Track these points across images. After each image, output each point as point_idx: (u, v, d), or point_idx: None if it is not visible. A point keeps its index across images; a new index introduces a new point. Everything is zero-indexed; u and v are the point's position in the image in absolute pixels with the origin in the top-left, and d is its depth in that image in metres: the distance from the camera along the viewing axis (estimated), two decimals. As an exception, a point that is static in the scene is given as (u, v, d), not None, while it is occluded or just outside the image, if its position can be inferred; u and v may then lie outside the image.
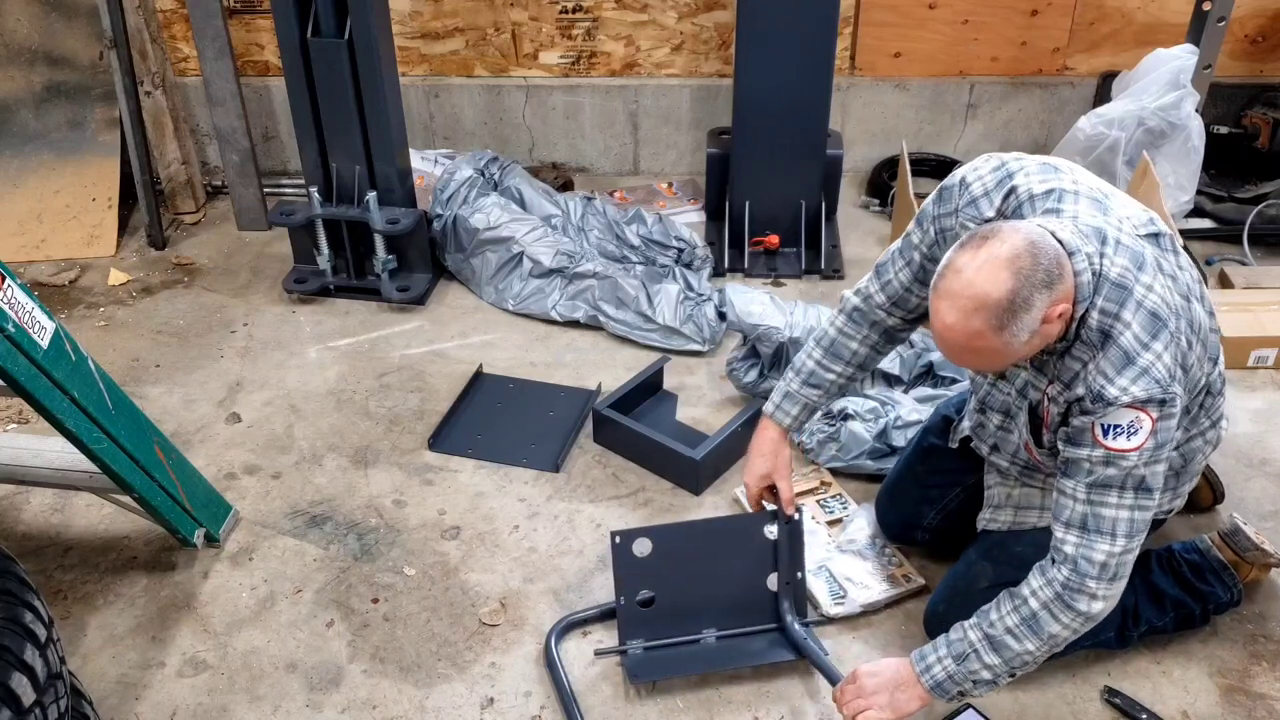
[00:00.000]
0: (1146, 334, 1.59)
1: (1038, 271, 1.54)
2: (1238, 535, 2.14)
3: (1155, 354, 1.59)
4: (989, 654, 1.75)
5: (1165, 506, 1.95)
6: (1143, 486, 1.67)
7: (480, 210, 3.19)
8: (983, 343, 1.58)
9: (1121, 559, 1.69)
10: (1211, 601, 2.11)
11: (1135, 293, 1.60)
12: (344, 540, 2.42)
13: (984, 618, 1.78)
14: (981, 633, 1.76)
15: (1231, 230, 3.40)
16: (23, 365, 1.75)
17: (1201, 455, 1.93)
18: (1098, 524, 1.69)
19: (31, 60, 3.62)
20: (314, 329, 3.15)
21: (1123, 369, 1.59)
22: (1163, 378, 1.59)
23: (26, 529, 2.47)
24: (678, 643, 2.13)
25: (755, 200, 3.35)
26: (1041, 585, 1.73)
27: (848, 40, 3.67)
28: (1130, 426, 1.61)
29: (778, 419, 2.10)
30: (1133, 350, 1.59)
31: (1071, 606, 1.70)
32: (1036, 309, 1.55)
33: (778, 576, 2.14)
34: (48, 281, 3.37)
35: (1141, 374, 1.59)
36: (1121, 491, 1.67)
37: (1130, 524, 1.68)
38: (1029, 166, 1.77)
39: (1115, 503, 1.68)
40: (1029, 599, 1.73)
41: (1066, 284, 1.58)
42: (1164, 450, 1.65)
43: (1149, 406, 1.60)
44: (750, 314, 2.68)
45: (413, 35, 3.71)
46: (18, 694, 1.46)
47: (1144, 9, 3.60)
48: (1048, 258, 1.55)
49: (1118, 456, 1.63)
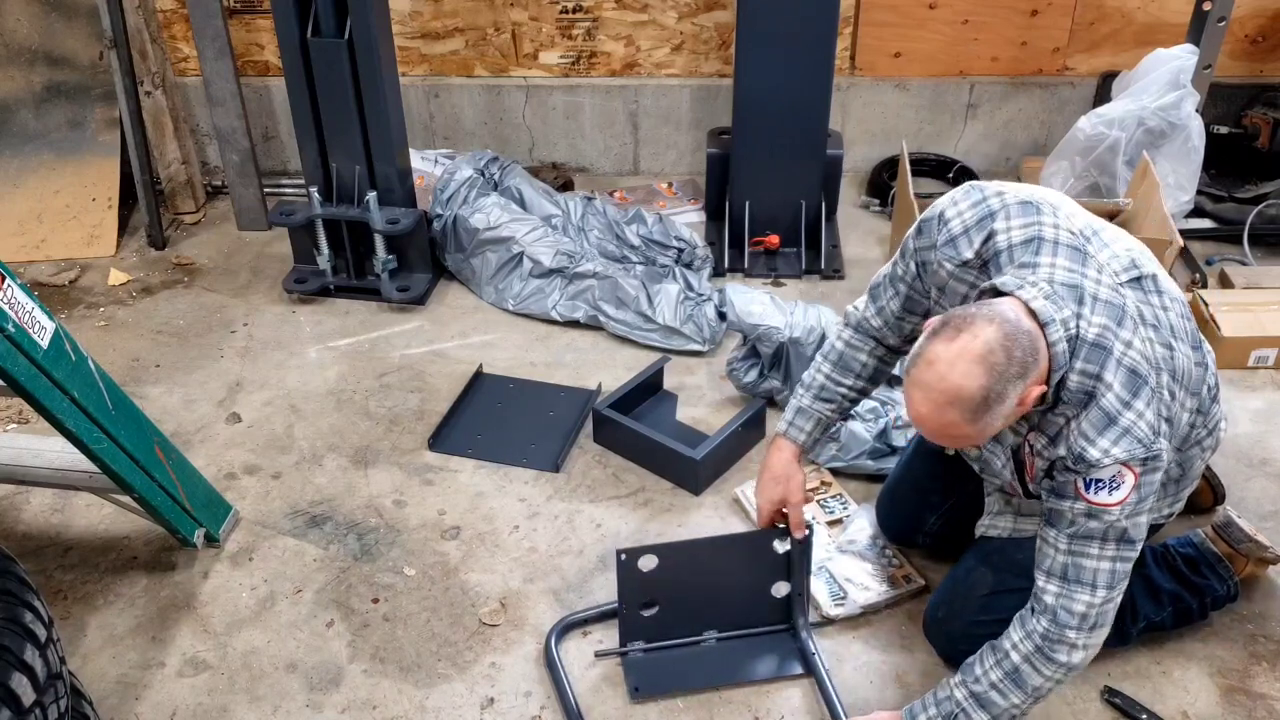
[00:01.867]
0: (1127, 393, 1.59)
1: (1011, 365, 1.54)
2: (1230, 527, 2.14)
3: (1137, 413, 1.59)
4: (977, 712, 1.76)
5: (1165, 511, 1.95)
6: (1125, 538, 1.68)
7: (480, 210, 3.19)
8: (957, 431, 1.60)
9: (1102, 609, 1.70)
10: (1208, 595, 2.11)
11: (1115, 351, 1.60)
12: (344, 540, 2.42)
13: (969, 673, 1.79)
14: (967, 690, 1.77)
15: (1231, 230, 3.40)
16: (23, 365, 1.75)
17: (1200, 461, 1.93)
18: (1078, 574, 1.69)
19: (31, 60, 3.62)
20: (314, 329, 3.15)
21: (1104, 430, 1.60)
22: (1145, 436, 1.59)
23: (26, 529, 2.47)
24: (678, 645, 2.13)
25: (755, 200, 3.35)
26: (1022, 638, 1.73)
27: (848, 40, 3.67)
28: (1113, 481, 1.61)
29: (791, 436, 2.06)
30: (1114, 410, 1.59)
31: (1052, 659, 1.71)
32: (1011, 399, 1.57)
33: (790, 587, 2.14)
34: (48, 281, 3.37)
35: (1123, 434, 1.59)
36: (1103, 544, 1.68)
37: (1111, 574, 1.69)
38: (1010, 206, 1.73)
39: (1096, 554, 1.68)
40: (1010, 653, 1.74)
41: (1041, 366, 1.58)
42: (1146, 503, 1.66)
43: (1134, 465, 1.61)
44: (750, 314, 2.68)
45: (413, 35, 3.71)
46: (18, 694, 1.46)
47: (1144, 9, 3.60)
48: (1021, 348, 1.55)
49: (1100, 510, 1.64)
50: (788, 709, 2.04)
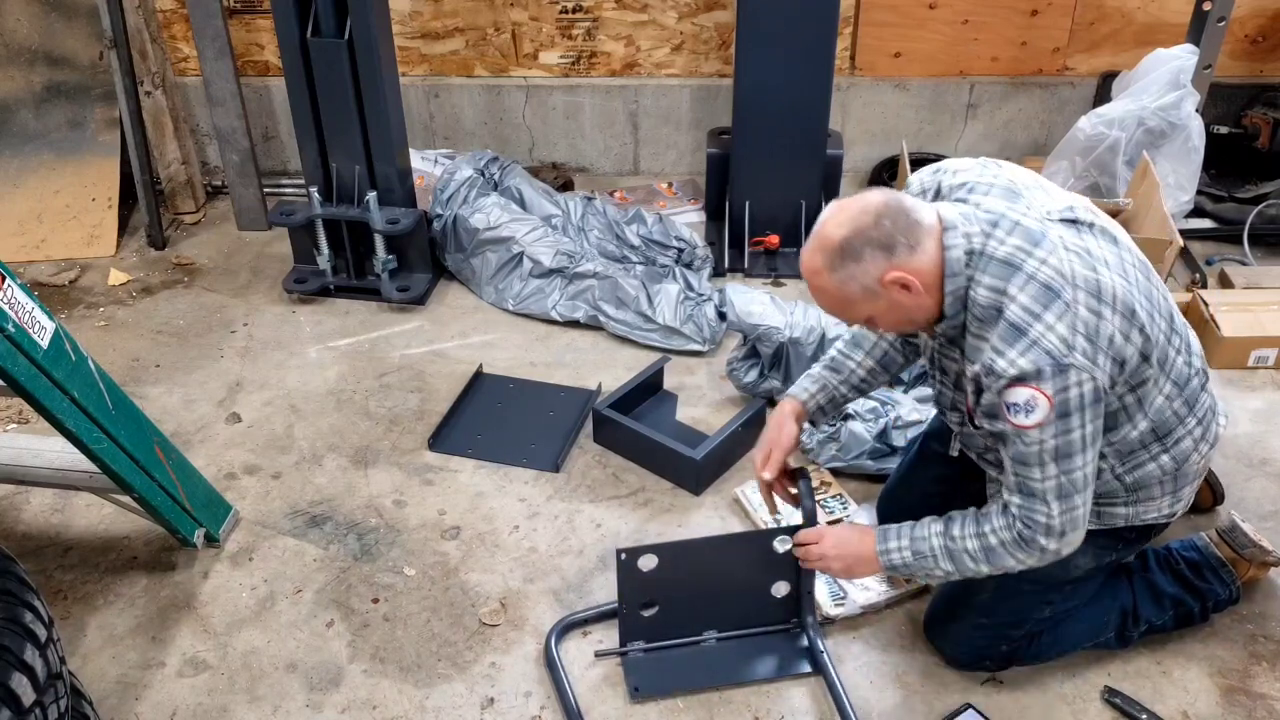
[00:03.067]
0: (1037, 305, 1.62)
1: (876, 230, 1.65)
2: (1235, 532, 2.14)
3: (1046, 325, 1.61)
4: (945, 562, 1.84)
5: (1165, 511, 1.93)
6: (1061, 455, 1.68)
7: (480, 210, 3.19)
8: (819, 280, 1.71)
9: (1064, 518, 1.73)
10: (1210, 599, 2.11)
11: (1026, 267, 1.64)
12: (344, 540, 2.42)
13: (949, 529, 1.84)
14: (943, 543, 1.84)
15: (1231, 230, 3.40)
16: (23, 365, 1.75)
17: (1197, 455, 1.90)
18: (1030, 491, 1.73)
19: (31, 60, 3.62)
20: (314, 329, 3.15)
21: (1013, 342, 1.63)
22: (1055, 348, 1.61)
23: (26, 529, 2.47)
24: (678, 644, 2.14)
25: (755, 200, 3.35)
26: (1002, 527, 1.78)
27: (848, 40, 3.67)
28: (1027, 405, 1.64)
29: (794, 393, 2.10)
30: (1021, 322, 1.62)
31: (1027, 552, 1.77)
32: (867, 263, 1.66)
33: (795, 585, 2.14)
34: (48, 281, 3.37)
35: (1031, 345, 1.62)
36: (1042, 466, 1.70)
37: (1059, 490, 1.71)
38: (963, 160, 1.83)
39: (1040, 476, 1.71)
40: (989, 535, 1.79)
41: (917, 257, 1.66)
42: (1074, 420, 1.65)
43: (1041, 382, 1.62)
44: (750, 314, 2.68)
45: (413, 35, 3.71)
46: (18, 694, 1.46)
47: (1144, 9, 3.60)
48: (894, 222, 1.65)
49: (1022, 433, 1.67)
50: (787, 709, 2.04)
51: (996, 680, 2.07)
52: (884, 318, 1.76)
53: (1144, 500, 1.90)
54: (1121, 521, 1.92)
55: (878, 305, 1.71)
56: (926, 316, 1.74)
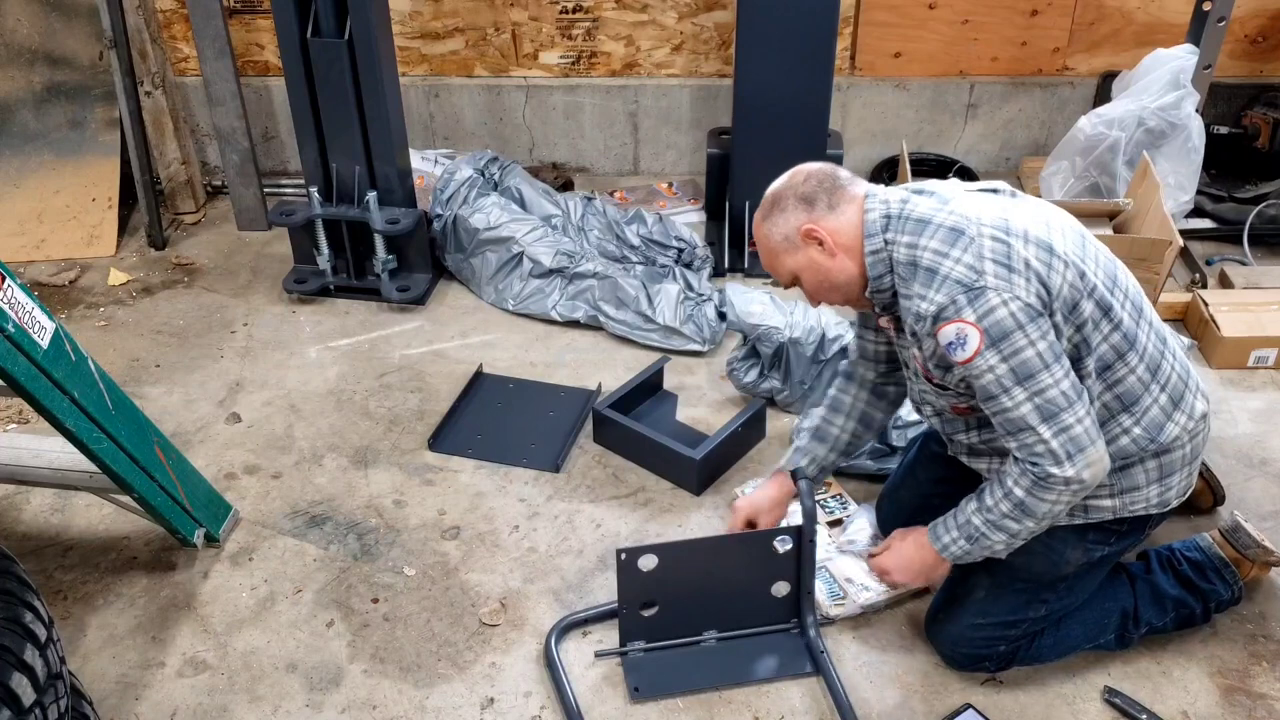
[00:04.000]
0: (945, 245, 1.73)
1: (803, 187, 1.84)
2: (1239, 533, 2.13)
3: (954, 260, 1.71)
4: (995, 533, 1.86)
5: (1154, 501, 1.91)
6: (1022, 376, 1.71)
7: (480, 210, 3.19)
8: (758, 231, 1.90)
9: (1059, 439, 1.73)
10: (1213, 599, 2.11)
11: (936, 219, 1.75)
12: (344, 540, 2.42)
13: (983, 501, 1.87)
14: (984, 518, 1.87)
15: (1231, 230, 3.40)
16: (23, 365, 1.75)
17: (1176, 428, 1.85)
18: (1014, 424, 1.75)
19: (31, 60, 3.62)
20: (314, 329, 3.15)
21: (928, 283, 1.73)
22: (964, 276, 1.69)
23: (26, 529, 2.47)
24: (678, 644, 2.14)
25: (755, 200, 3.29)
26: (1017, 476, 1.80)
27: (848, 40, 3.67)
28: (959, 339, 1.71)
29: (784, 467, 2.21)
30: (932, 264, 1.73)
31: (1050, 488, 1.77)
32: (790, 214, 1.83)
33: (797, 586, 2.14)
34: (48, 281, 3.37)
35: (943, 281, 1.71)
36: (1007, 392, 1.72)
37: (1039, 410, 1.72)
38: None
39: (1010, 403, 1.73)
40: (1013, 489, 1.81)
41: (834, 217, 1.82)
42: (1017, 339, 1.68)
43: (961, 311, 1.68)
44: (750, 314, 2.68)
45: (413, 35, 3.71)
46: (18, 694, 1.46)
47: (1144, 9, 3.60)
48: (817, 182, 1.83)
49: (970, 368, 1.72)
50: (787, 709, 2.04)
51: (996, 680, 2.07)
52: (807, 276, 1.87)
53: (1129, 490, 1.89)
54: (1109, 514, 1.91)
55: (798, 259, 1.86)
56: (847, 279, 1.84)
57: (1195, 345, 2.95)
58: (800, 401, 2.71)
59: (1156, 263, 2.90)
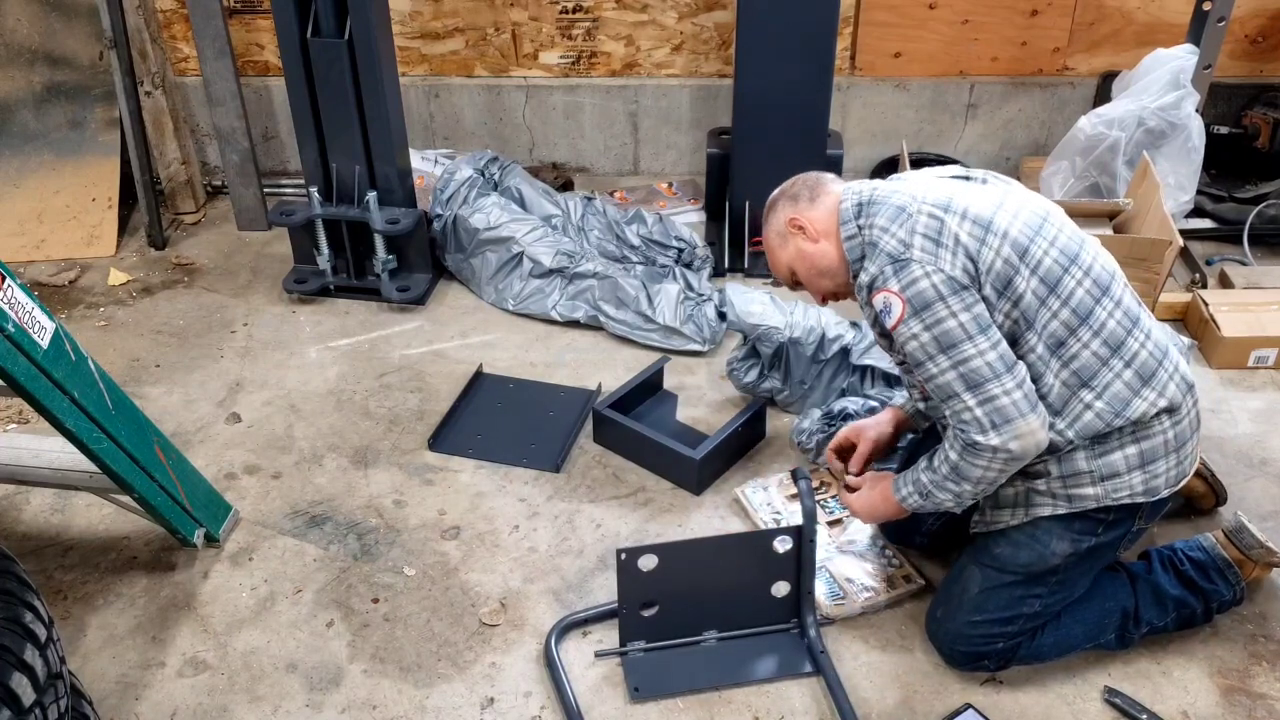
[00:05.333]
0: (888, 222, 1.86)
1: (791, 188, 2.04)
2: (1243, 533, 2.13)
3: (890, 234, 1.84)
4: (940, 492, 1.96)
5: (1139, 489, 1.89)
6: (946, 345, 1.80)
7: (480, 210, 3.19)
8: (764, 237, 2.08)
9: (984, 409, 1.80)
10: (1214, 600, 2.11)
11: (891, 200, 1.89)
12: (344, 540, 2.42)
13: (931, 462, 1.97)
14: (930, 477, 1.97)
15: (1231, 230, 3.40)
16: (23, 365, 1.75)
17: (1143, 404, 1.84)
18: (942, 391, 1.85)
19: (31, 60, 3.62)
20: (314, 329, 3.15)
21: (871, 257, 1.87)
22: (893, 249, 1.82)
23: (26, 529, 2.47)
24: (678, 644, 2.14)
25: (755, 200, 3.35)
26: (951, 440, 1.90)
27: (848, 40, 3.67)
28: (886, 306, 1.83)
29: (894, 400, 2.34)
30: (876, 239, 1.86)
31: (979, 454, 1.85)
32: (780, 212, 2.03)
33: (796, 586, 2.14)
34: (48, 281, 3.37)
35: (879, 254, 1.85)
36: (931, 359, 1.82)
37: (964, 378, 1.80)
38: None
39: (936, 370, 1.83)
40: (949, 452, 1.91)
41: (814, 208, 1.99)
42: (939, 310, 1.78)
43: (887, 281, 1.82)
44: (750, 314, 2.68)
45: (413, 35, 3.71)
46: (18, 694, 1.46)
47: (1144, 9, 3.60)
48: (804, 186, 2.02)
49: (897, 334, 1.84)
50: (787, 709, 2.04)
51: (996, 680, 2.07)
52: (798, 265, 2.03)
53: (1110, 477, 1.88)
54: (1093, 503, 1.91)
55: (789, 250, 2.03)
56: (829, 264, 1.98)
57: (1195, 345, 2.95)
58: (800, 401, 2.71)
59: (1156, 263, 2.90)
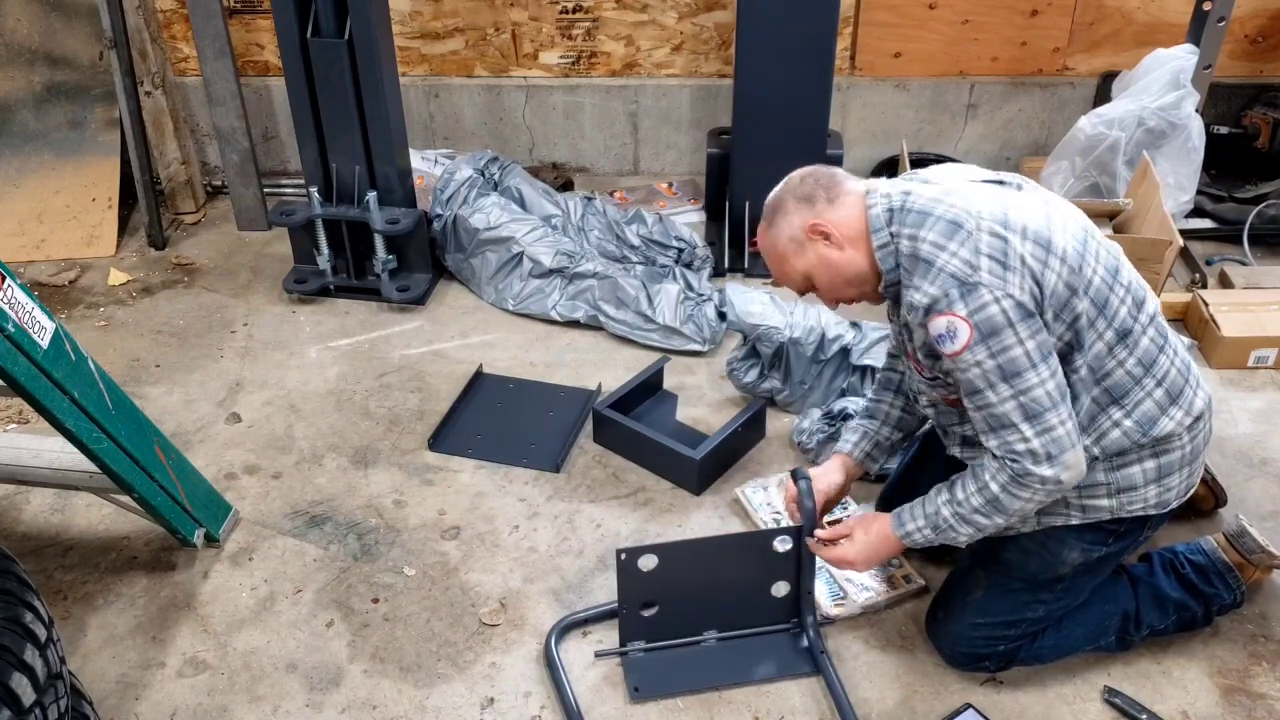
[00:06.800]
0: (943, 238, 1.72)
1: (801, 187, 1.86)
2: (1244, 537, 2.13)
3: (950, 253, 1.71)
4: (962, 526, 1.87)
5: (1153, 501, 1.90)
6: (1009, 374, 1.71)
7: (480, 210, 3.19)
8: (764, 242, 1.91)
9: (1042, 439, 1.73)
10: (1214, 603, 2.11)
11: (936, 211, 1.75)
12: (344, 540, 2.42)
13: (953, 494, 1.87)
14: (953, 510, 1.87)
15: (1231, 230, 3.40)
16: (23, 365, 1.75)
17: (1169, 423, 1.83)
18: (997, 420, 1.75)
19: (31, 60, 3.62)
20: (314, 329, 3.15)
21: (924, 275, 1.73)
22: (958, 271, 1.69)
23: (26, 529, 2.47)
24: (678, 644, 2.14)
25: (755, 200, 3.32)
26: (995, 471, 1.80)
27: (848, 40, 3.67)
28: (949, 332, 1.71)
29: (839, 447, 2.19)
30: (929, 255, 1.73)
31: (1027, 485, 1.77)
32: (792, 216, 1.85)
33: (797, 586, 2.14)
34: (48, 281, 3.37)
35: (938, 274, 1.71)
36: (992, 388, 1.72)
37: (1022, 410, 1.72)
38: None
39: (995, 398, 1.73)
40: (988, 484, 1.81)
41: (836, 210, 1.83)
42: (1006, 337, 1.69)
43: (953, 305, 1.69)
44: (750, 314, 2.68)
45: (413, 35, 3.71)
46: (18, 694, 1.46)
47: (1144, 9, 3.60)
48: (818, 184, 1.85)
49: (957, 360, 1.73)
50: (787, 709, 2.04)
51: (996, 680, 2.07)
52: (819, 273, 1.87)
53: (1126, 489, 1.88)
54: (1107, 514, 1.91)
55: (807, 258, 1.86)
56: (857, 272, 1.84)
57: (1195, 345, 2.95)
58: (800, 401, 2.71)
59: (1156, 263, 2.90)
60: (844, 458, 2.16)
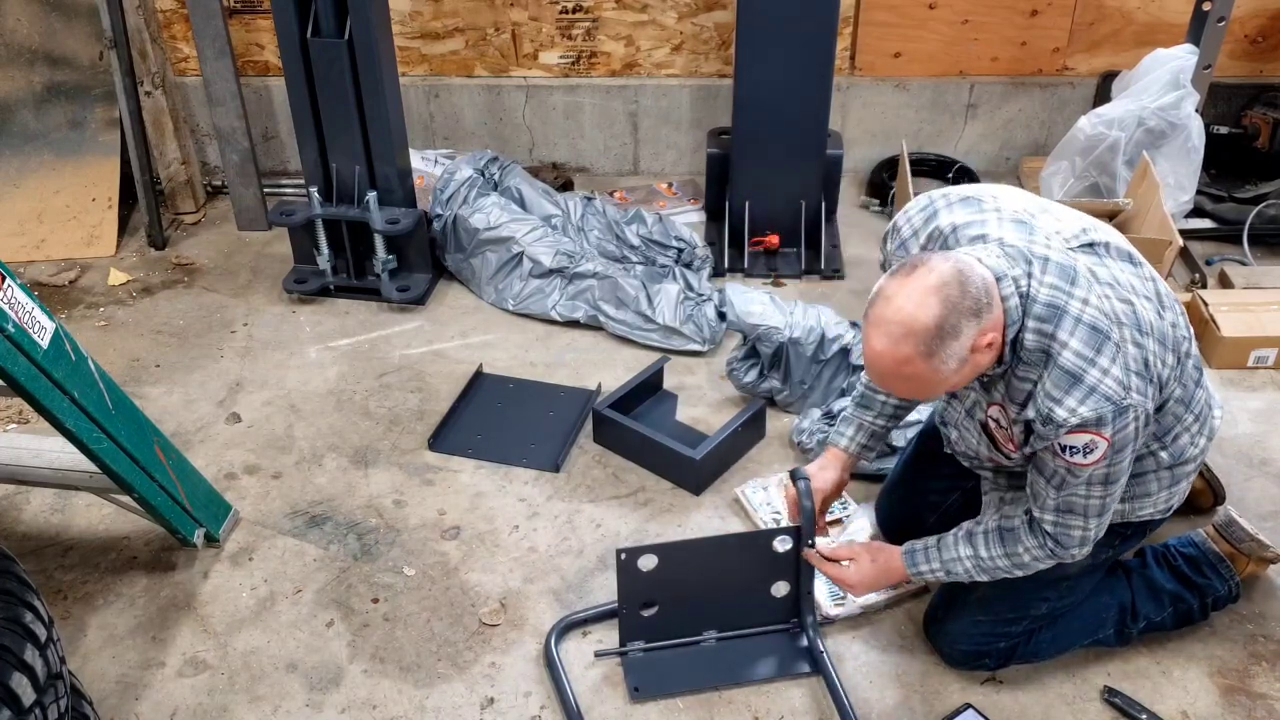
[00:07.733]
0: (1090, 349, 1.60)
1: (965, 299, 1.56)
2: (1232, 527, 2.14)
3: (1102, 370, 1.59)
4: (979, 575, 1.92)
5: (1160, 507, 1.94)
6: (1110, 481, 1.74)
7: (480, 210, 3.19)
8: (911, 369, 1.59)
9: (1097, 530, 1.81)
10: (1209, 595, 2.12)
11: (1070, 309, 1.61)
12: (344, 540, 2.42)
13: (977, 551, 1.90)
14: (975, 564, 1.91)
15: (1231, 230, 3.40)
16: (23, 365, 1.75)
17: (1194, 448, 1.88)
18: (1069, 508, 1.77)
19: (31, 60, 3.62)
20: (314, 329, 3.15)
21: (1070, 389, 1.60)
22: (1113, 393, 1.59)
23: (26, 529, 2.47)
24: (678, 644, 2.14)
25: (755, 200, 3.35)
26: (1034, 545, 1.84)
27: (848, 40, 3.67)
28: (1086, 447, 1.64)
29: (833, 440, 2.16)
30: (1077, 369, 1.60)
31: (1057, 559, 1.85)
32: (964, 337, 1.57)
33: (795, 586, 2.14)
34: (48, 281, 3.37)
35: (1089, 393, 1.60)
36: (1089, 487, 1.74)
37: (1101, 506, 1.77)
38: (952, 201, 1.78)
39: (1084, 494, 1.75)
40: (1022, 554, 1.86)
41: (995, 313, 1.60)
42: (1125, 452, 1.70)
43: (1101, 427, 1.61)
44: (750, 314, 2.68)
45: (413, 35, 3.71)
46: (18, 694, 1.46)
47: (1144, 9, 3.60)
48: (975, 286, 1.57)
49: (1079, 469, 1.69)
50: (787, 709, 2.04)
51: (996, 680, 2.08)
52: (960, 384, 1.69)
53: (1140, 497, 1.92)
54: (1117, 519, 1.92)
55: (964, 373, 1.63)
56: (981, 369, 1.67)
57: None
58: (800, 401, 2.71)
59: (1156, 263, 2.89)
60: (840, 453, 2.14)
